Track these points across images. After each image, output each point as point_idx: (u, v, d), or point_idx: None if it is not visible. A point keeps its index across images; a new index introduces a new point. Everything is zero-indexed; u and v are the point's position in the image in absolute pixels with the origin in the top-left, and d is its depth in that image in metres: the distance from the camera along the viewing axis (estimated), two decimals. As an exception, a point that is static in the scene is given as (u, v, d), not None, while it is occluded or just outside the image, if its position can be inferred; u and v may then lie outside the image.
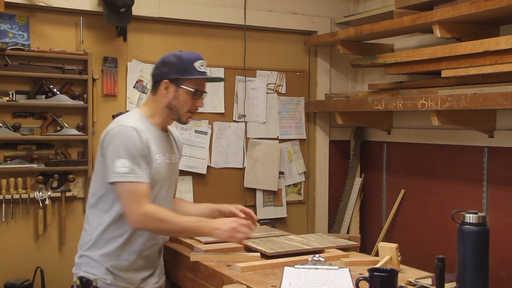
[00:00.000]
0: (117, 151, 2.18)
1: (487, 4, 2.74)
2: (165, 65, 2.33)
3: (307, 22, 4.11)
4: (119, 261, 2.27)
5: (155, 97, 2.36)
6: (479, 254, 1.79)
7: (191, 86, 2.32)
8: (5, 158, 3.28)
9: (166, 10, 3.63)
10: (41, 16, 3.38)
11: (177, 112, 2.34)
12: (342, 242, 2.66)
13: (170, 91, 2.31)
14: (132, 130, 2.21)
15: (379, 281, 1.77)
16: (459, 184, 3.44)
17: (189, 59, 2.33)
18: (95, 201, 2.30)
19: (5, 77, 3.23)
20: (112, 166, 2.18)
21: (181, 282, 2.52)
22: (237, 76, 3.95)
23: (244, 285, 2.03)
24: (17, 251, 3.33)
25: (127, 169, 2.16)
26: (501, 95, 2.65)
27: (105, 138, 2.24)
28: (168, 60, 2.33)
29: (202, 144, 3.82)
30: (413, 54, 3.23)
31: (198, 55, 2.37)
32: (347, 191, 4.21)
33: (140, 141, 2.21)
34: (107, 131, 2.25)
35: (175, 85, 2.31)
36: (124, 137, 2.19)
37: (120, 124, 2.24)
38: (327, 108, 3.96)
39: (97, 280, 2.24)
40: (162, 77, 2.32)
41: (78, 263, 2.33)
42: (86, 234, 2.32)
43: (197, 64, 2.33)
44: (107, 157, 2.20)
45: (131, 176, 2.17)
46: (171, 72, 2.31)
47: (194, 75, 2.32)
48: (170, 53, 2.37)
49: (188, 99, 2.33)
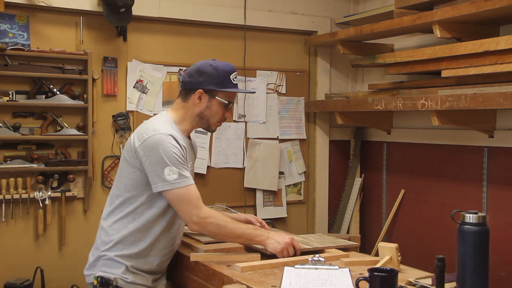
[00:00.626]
0: (161, 159, 2.19)
1: (487, 4, 2.74)
2: (201, 75, 2.33)
3: (307, 22, 4.11)
4: (140, 263, 2.30)
5: (185, 104, 2.37)
6: (479, 254, 1.79)
7: (225, 98, 2.35)
8: (5, 158, 3.28)
9: (166, 10, 3.63)
10: (41, 16, 3.38)
11: (207, 121, 2.38)
12: (342, 242, 2.66)
13: (204, 101, 2.34)
14: (170, 138, 2.23)
15: (379, 281, 1.77)
16: (459, 184, 3.44)
17: (226, 71, 2.34)
18: (120, 203, 2.31)
19: (5, 77, 3.23)
20: (160, 175, 2.20)
21: (181, 282, 2.52)
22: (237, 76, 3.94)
23: (244, 285, 2.03)
24: (17, 251, 3.33)
25: (176, 176, 2.20)
26: (501, 95, 2.65)
27: (142, 147, 2.24)
28: (204, 69, 2.33)
29: (202, 144, 3.82)
30: (413, 54, 3.23)
31: (232, 67, 2.39)
32: (347, 191, 4.21)
33: (180, 148, 2.25)
34: (145, 139, 2.24)
35: (209, 95, 2.33)
36: (165, 146, 2.21)
37: (157, 132, 2.23)
38: (327, 108, 3.96)
39: (117, 279, 2.25)
40: (197, 86, 2.33)
41: (93, 263, 2.33)
42: (105, 235, 2.32)
43: (232, 77, 2.36)
44: (150, 166, 2.21)
45: (182, 181, 2.21)
46: (206, 82, 2.32)
47: (230, 87, 2.35)
48: (204, 61, 2.37)
49: (220, 110, 2.36)
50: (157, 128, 2.26)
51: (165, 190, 2.22)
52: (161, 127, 2.26)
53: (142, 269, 2.31)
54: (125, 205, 2.30)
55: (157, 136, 2.23)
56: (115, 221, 2.31)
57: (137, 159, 2.25)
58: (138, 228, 2.28)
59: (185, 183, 2.22)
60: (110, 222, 2.32)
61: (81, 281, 3.21)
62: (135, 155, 2.26)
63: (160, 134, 2.23)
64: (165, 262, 2.43)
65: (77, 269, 3.42)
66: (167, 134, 2.23)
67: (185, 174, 2.23)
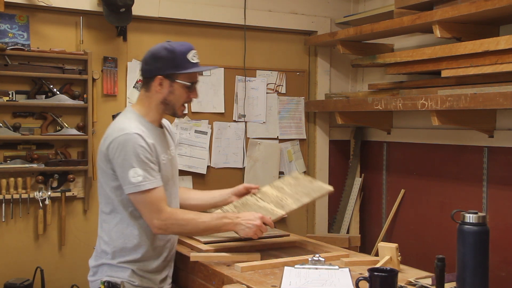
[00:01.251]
0: (127, 161, 2.14)
1: (487, 4, 2.74)
2: (157, 60, 2.24)
3: (307, 22, 4.11)
4: (144, 265, 2.27)
5: (148, 93, 2.29)
6: (479, 254, 1.79)
7: (187, 80, 2.27)
8: (5, 158, 3.28)
9: (166, 10, 3.63)
10: (41, 16, 3.38)
11: (172, 106, 2.30)
12: (317, 191, 2.59)
13: (165, 87, 2.26)
14: (137, 137, 2.16)
15: (379, 281, 1.77)
16: (459, 184, 3.44)
17: (182, 52, 2.24)
18: (110, 211, 2.27)
19: (5, 77, 3.23)
20: (126, 177, 2.15)
21: (181, 282, 2.52)
22: (237, 76, 3.95)
23: (244, 285, 2.03)
24: (17, 251, 3.33)
25: (141, 178, 2.14)
26: (501, 95, 2.65)
27: (110, 148, 2.19)
28: (159, 54, 2.25)
29: (202, 144, 3.82)
30: (413, 54, 3.23)
31: (189, 45, 2.28)
32: (347, 191, 4.21)
33: (148, 146, 2.18)
34: (111, 140, 2.19)
35: (169, 80, 2.25)
36: (131, 145, 2.15)
37: (124, 132, 2.17)
38: (327, 108, 3.96)
39: (124, 282, 2.22)
40: (155, 73, 2.25)
41: (97, 270, 2.30)
42: (104, 244, 2.28)
43: (190, 56, 2.25)
44: (118, 168, 2.17)
45: (146, 183, 2.15)
46: (164, 67, 2.24)
47: (189, 68, 2.25)
48: (159, 45, 2.27)
49: (184, 93, 2.28)
50: (123, 127, 2.20)
51: (129, 192, 2.17)
52: (127, 126, 2.20)
53: (147, 270, 2.28)
54: (115, 213, 2.25)
55: (123, 136, 2.16)
56: (110, 230, 2.27)
57: (109, 162, 2.21)
58: (135, 232, 2.24)
59: (149, 185, 2.15)
60: (107, 231, 2.28)
61: (81, 281, 3.22)
62: (105, 159, 2.21)
63: (125, 134, 2.16)
64: (171, 259, 2.41)
65: (77, 269, 3.44)
66: (133, 133, 2.16)
67: (150, 176, 2.16)
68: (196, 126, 3.81)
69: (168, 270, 2.41)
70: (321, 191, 2.62)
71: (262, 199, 2.59)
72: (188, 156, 3.78)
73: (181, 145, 3.76)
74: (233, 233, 2.41)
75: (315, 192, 2.60)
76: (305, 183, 2.68)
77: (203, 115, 3.84)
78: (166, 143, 2.37)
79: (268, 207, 2.51)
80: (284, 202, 2.53)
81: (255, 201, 2.59)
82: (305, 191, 2.61)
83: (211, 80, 3.86)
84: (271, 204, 2.53)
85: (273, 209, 2.47)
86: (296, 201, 2.53)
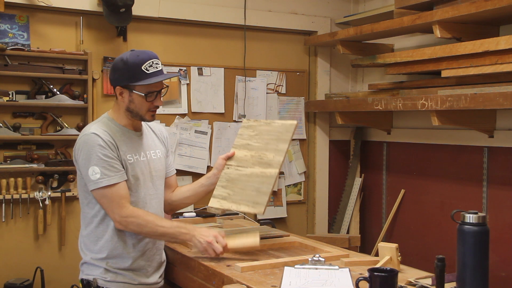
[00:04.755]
0: (86, 160, 2.23)
1: (487, 4, 2.74)
2: (115, 71, 2.32)
3: (307, 22, 4.11)
4: (115, 262, 2.31)
5: (117, 100, 2.37)
6: (479, 254, 1.79)
7: (143, 91, 2.30)
8: (5, 158, 3.28)
9: (166, 10, 3.63)
10: (41, 16, 3.38)
11: (137, 113, 2.34)
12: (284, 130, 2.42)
13: (125, 96, 2.32)
14: (93, 136, 2.24)
15: (379, 281, 1.77)
16: (459, 184, 3.44)
17: (135, 63, 2.26)
18: (83, 211, 2.36)
19: (5, 77, 3.23)
20: (86, 175, 2.24)
21: (181, 282, 2.52)
22: (237, 76, 3.95)
23: (244, 285, 2.03)
24: (17, 251, 3.33)
25: (98, 175, 2.22)
26: (501, 95, 2.65)
27: (75, 150, 2.30)
28: (116, 66, 2.32)
29: (202, 144, 3.82)
30: (413, 54, 3.23)
31: (145, 56, 2.28)
32: (347, 191, 4.21)
33: (106, 144, 2.24)
34: (76, 143, 2.30)
35: (128, 90, 2.30)
36: (88, 145, 2.23)
37: (83, 134, 2.28)
38: (327, 108, 3.96)
39: (97, 279, 2.29)
40: (115, 83, 2.33)
41: (80, 269, 2.40)
42: (81, 243, 2.39)
43: (145, 67, 2.27)
44: (81, 168, 2.27)
45: (104, 180, 2.22)
46: (120, 78, 2.30)
47: (143, 79, 2.27)
48: (119, 57, 2.34)
49: (144, 102, 2.31)
50: (85, 129, 2.31)
51: (91, 189, 2.25)
52: (90, 128, 2.30)
53: (120, 268, 2.32)
54: (86, 212, 2.34)
55: (82, 138, 2.27)
56: (84, 228, 2.36)
57: (76, 163, 2.31)
58: (103, 230, 2.31)
59: (107, 182, 2.22)
60: (82, 230, 2.37)
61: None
62: (74, 160, 2.32)
63: (84, 136, 2.26)
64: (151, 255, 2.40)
65: (77, 269, 3.41)
66: (91, 133, 2.25)
67: (109, 172, 2.22)
68: (196, 126, 3.81)
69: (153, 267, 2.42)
70: (288, 129, 2.44)
71: (242, 166, 2.49)
72: (188, 156, 3.77)
73: (181, 145, 3.76)
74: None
75: (283, 134, 2.44)
76: (265, 128, 2.52)
77: (203, 115, 3.84)
78: (141, 145, 2.41)
79: (256, 171, 2.41)
80: (266, 158, 2.43)
81: (237, 171, 2.48)
82: (272, 137, 2.48)
83: (211, 80, 3.86)
84: (256, 166, 2.43)
85: (263, 171, 2.38)
86: (276, 152, 2.41)
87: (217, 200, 2.49)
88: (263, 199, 2.35)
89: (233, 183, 2.47)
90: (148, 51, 2.34)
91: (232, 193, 2.44)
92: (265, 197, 2.34)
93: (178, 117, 3.76)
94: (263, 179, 2.37)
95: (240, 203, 2.41)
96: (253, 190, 2.39)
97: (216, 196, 2.49)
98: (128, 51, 2.34)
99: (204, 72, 3.83)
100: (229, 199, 2.45)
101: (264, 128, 2.53)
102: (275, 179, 2.36)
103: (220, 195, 2.48)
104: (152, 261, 2.42)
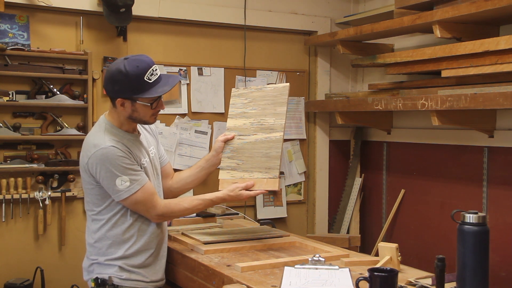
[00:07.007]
0: (110, 173, 2.23)
1: (487, 4, 2.74)
2: (115, 84, 2.24)
3: (307, 22, 4.11)
4: (130, 261, 2.34)
5: (115, 109, 2.32)
6: (479, 254, 1.79)
7: (147, 101, 2.28)
8: (5, 158, 3.28)
9: (166, 10, 3.63)
10: (41, 16, 3.38)
11: (140, 120, 2.35)
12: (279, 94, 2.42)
13: (127, 107, 2.28)
14: (112, 149, 2.23)
15: (379, 281, 1.77)
16: (459, 184, 3.44)
17: (137, 75, 2.20)
18: (96, 214, 2.36)
19: (5, 77, 3.23)
20: (113, 187, 2.24)
21: (181, 282, 2.52)
22: (237, 76, 3.95)
23: (244, 285, 2.03)
24: (17, 251, 3.33)
25: (128, 183, 2.24)
26: (501, 95, 2.65)
27: (89, 164, 2.26)
28: (115, 78, 2.23)
29: (202, 144, 3.82)
30: (413, 54, 3.23)
31: (145, 66, 2.23)
32: (347, 191, 4.21)
33: (123, 153, 2.25)
34: (89, 156, 2.25)
35: (130, 101, 2.27)
36: (109, 158, 2.22)
37: (99, 147, 2.23)
38: (327, 108, 3.96)
39: (112, 277, 2.31)
40: (115, 95, 2.26)
41: (88, 269, 2.40)
42: (91, 247, 2.39)
43: (147, 77, 2.23)
44: (103, 181, 2.26)
45: (135, 185, 2.26)
46: (122, 91, 2.24)
47: (147, 89, 2.23)
48: (116, 67, 2.24)
49: (147, 109, 2.30)
50: (97, 143, 2.25)
51: (122, 199, 2.27)
52: (101, 141, 2.25)
53: (134, 265, 2.35)
54: (100, 218, 2.35)
55: (100, 151, 2.23)
56: (95, 230, 2.36)
57: (91, 175, 2.29)
58: (118, 234, 2.33)
59: (137, 187, 2.26)
60: (93, 235, 2.37)
61: (81, 281, 3.21)
62: (87, 172, 2.29)
63: (101, 149, 2.23)
64: (162, 252, 2.46)
65: (77, 269, 3.41)
66: (109, 146, 2.23)
67: (135, 177, 2.26)
68: (196, 126, 3.81)
69: (160, 264, 2.46)
70: (283, 92, 2.43)
71: (244, 135, 2.47)
72: (188, 156, 3.77)
73: (181, 145, 3.76)
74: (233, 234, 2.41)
75: (278, 97, 2.43)
76: (258, 94, 2.50)
77: (203, 115, 3.84)
78: (143, 146, 2.43)
79: (260, 137, 2.41)
80: (267, 123, 2.42)
81: (240, 141, 2.46)
82: (268, 102, 2.46)
83: (211, 80, 3.86)
84: (258, 133, 2.41)
85: (268, 136, 2.36)
86: (275, 116, 2.39)
87: (226, 171, 2.48)
88: (275, 163, 2.36)
89: (239, 153, 2.46)
90: (144, 58, 2.27)
91: (241, 162, 2.43)
92: (277, 161, 2.36)
93: (178, 117, 3.76)
94: (269, 144, 2.36)
95: (252, 171, 2.41)
96: (262, 156, 2.38)
97: (225, 168, 2.47)
98: (122, 59, 2.26)
99: (204, 72, 3.83)
100: (240, 169, 2.44)
101: (257, 94, 2.51)
102: (281, 143, 2.36)
103: (228, 166, 2.47)
104: (162, 258, 2.46)
